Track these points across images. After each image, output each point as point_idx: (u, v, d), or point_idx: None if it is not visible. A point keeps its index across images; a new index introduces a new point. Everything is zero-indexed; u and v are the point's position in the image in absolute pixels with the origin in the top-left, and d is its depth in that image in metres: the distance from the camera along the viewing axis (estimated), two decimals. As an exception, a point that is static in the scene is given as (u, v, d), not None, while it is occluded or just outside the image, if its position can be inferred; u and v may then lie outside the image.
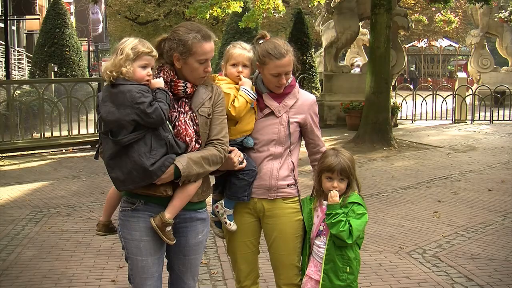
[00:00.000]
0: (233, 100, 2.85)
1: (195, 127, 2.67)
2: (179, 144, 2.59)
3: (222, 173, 2.91)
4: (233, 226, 3.00)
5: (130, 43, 2.58)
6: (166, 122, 2.55)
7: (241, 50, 2.96)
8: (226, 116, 2.80)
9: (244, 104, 2.86)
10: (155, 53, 2.62)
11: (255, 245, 3.10)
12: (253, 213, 3.04)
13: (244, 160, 2.88)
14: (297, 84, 3.07)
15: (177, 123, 2.64)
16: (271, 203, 3.00)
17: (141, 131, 2.50)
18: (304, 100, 3.04)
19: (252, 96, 2.88)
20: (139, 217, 2.67)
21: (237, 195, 2.94)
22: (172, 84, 2.69)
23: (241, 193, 2.93)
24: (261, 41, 2.97)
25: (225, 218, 2.98)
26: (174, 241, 2.67)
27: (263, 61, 2.90)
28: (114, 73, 2.53)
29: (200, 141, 2.68)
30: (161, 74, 2.70)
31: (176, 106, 2.68)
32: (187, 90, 2.69)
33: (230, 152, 2.83)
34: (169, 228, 2.64)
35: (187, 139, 2.63)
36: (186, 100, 2.70)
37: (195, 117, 2.68)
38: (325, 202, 2.96)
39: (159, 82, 2.61)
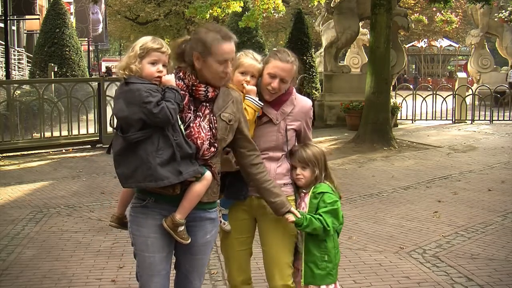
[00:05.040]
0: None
1: (213, 130, 2.66)
2: (190, 145, 2.58)
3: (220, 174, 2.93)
4: (227, 226, 3.06)
5: (141, 41, 2.61)
6: (174, 122, 2.54)
7: (253, 61, 2.98)
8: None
9: (253, 114, 2.92)
10: (165, 49, 2.61)
11: (247, 243, 3.13)
12: (249, 210, 3.07)
13: None
14: (294, 91, 3.10)
15: (191, 125, 2.64)
16: None
17: (148, 130, 2.51)
18: (301, 107, 3.09)
19: (258, 104, 2.92)
20: (148, 214, 2.68)
21: (234, 194, 3.00)
22: (193, 88, 2.68)
23: (238, 192, 2.99)
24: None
25: (220, 217, 3.01)
26: (189, 240, 2.68)
27: (267, 60, 2.95)
28: (125, 71, 2.57)
29: (216, 145, 2.68)
30: (180, 74, 2.69)
31: (193, 107, 2.67)
32: (208, 94, 2.69)
33: (227, 153, 2.87)
34: (181, 228, 2.64)
35: (199, 142, 2.62)
36: (207, 104, 2.70)
37: (214, 121, 2.68)
38: (303, 193, 3.09)
39: (170, 80, 2.60)
